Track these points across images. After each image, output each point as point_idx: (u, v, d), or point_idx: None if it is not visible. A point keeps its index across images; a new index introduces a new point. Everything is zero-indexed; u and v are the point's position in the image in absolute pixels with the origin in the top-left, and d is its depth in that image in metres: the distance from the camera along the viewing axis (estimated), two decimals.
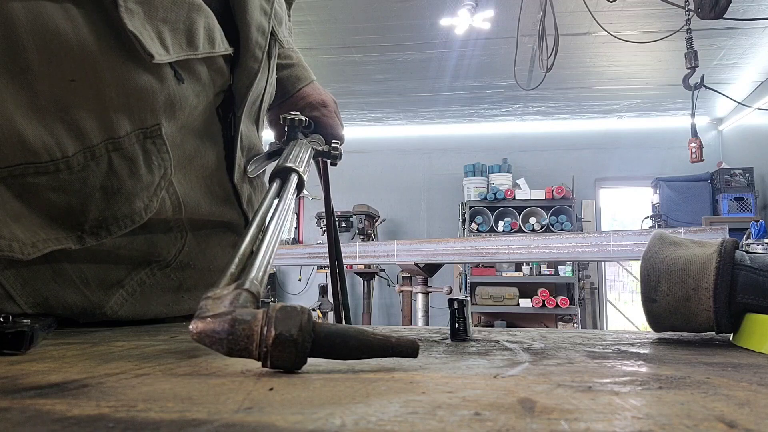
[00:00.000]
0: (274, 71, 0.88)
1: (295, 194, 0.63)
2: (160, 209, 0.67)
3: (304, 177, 0.65)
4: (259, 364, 0.36)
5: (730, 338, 0.54)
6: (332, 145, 0.91)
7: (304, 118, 0.82)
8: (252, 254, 0.45)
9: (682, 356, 0.45)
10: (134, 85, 0.60)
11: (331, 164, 0.97)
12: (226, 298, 0.38)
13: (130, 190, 0.63)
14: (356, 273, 6.08)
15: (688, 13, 2.69)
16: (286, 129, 0.81)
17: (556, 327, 6.08)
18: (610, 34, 3.37)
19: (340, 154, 0.91)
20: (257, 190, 0.87)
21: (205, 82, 0.70)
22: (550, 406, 0.28)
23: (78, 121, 0.58)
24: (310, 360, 0.37)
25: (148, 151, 0.64)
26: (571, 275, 6.00)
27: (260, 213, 0.51)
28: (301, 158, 0.69)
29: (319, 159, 1.00)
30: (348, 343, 0.38)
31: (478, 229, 6.25)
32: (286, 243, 5.54)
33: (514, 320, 6.25)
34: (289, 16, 0.99)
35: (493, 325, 6.04)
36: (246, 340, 0.35)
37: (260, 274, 0.42)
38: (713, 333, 0.54)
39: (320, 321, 0.39)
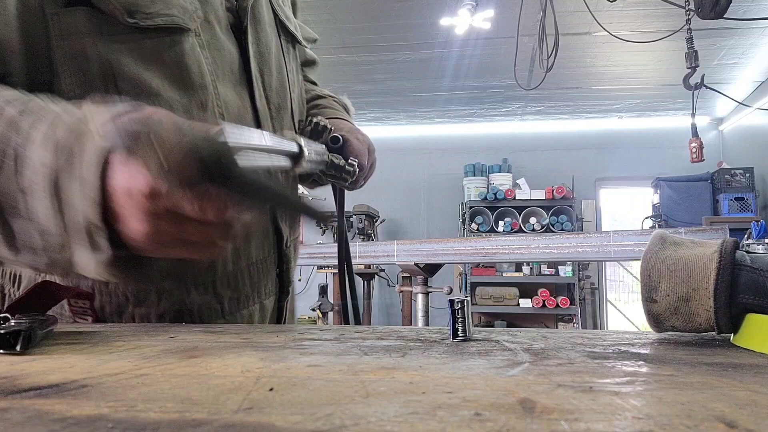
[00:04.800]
0: (294, 57, 0.85)
1: (292, 166, 0.59)
2: None
3: (304, 162, 0.61)
4: (259, 364, 0.36)
5: (731, 339, 0.54)
6: (349, 161, 0.80)
7: (329, 126, 0.75)
8: None
9: (682, 356, 0.45)
10: None
11: (346, 187, 0.86)
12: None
13: None
14: (356, 273, 6.08)
15: (688, 12, 2.68)
16: (308, 132, 0.76)
17: (557, 327, 6.08)
18: (611, 33, 3.36)
19: (354, 173, 0.79)
20: None
21: None
22: (550, 407, 0.28)
23: None
24: (310, 359, 0.37)
25: None
26: (571, 275, 6.00)
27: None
28: (315, 149, 0.65)
29: (335, 185, 0.90)
30: (259, 183, 0.37)
31: (478, 229, 6.25)
32: None
33: (514, 320, 6.25)
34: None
35: (493, 325, 6.04)
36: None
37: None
38: (714, 333, 0.54)
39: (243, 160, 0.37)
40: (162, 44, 0.63)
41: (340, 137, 0.80)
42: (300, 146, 0.58)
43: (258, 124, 0.73)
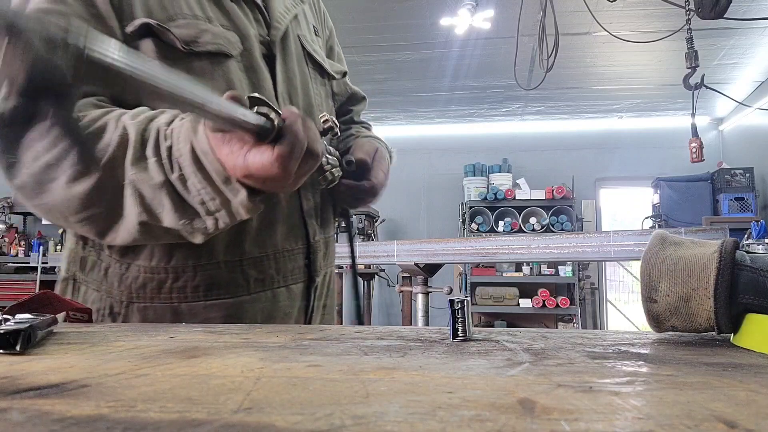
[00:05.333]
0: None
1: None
2: None
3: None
4: (259, 364, 0.36)
5: (731, 339, 0.54)
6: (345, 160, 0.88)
7: (336, 125, 0.80)
8: None
9: (682, 356, 0.45)
10: None
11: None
12: None
13: None
14: (356, 273, 6.06)
15: (688, 12, 2.68)
16: None
17: (557, 327, 6.08)
18: (611, 33, 3.36)
19: (328, 183, 0.84)
20: None
21: None
22: (550, 407, 0.28)
23: None
24: (310, 359, 0.37)
25: None
26: (571, 275, 5.99)
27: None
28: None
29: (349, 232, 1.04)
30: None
31: (478, 229, 6.25)
32: None
33: (514, 320, 6.25)
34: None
35: (493, 326, 6.04)
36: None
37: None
38: (714, 333, 0.54)
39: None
40: (212, 64, 0.79)
41: (352, 162, 0.91)
42: (272, 123, 0.58)
43: None
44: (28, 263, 6.87)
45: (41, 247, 6.69)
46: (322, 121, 0.80)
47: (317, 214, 0.93)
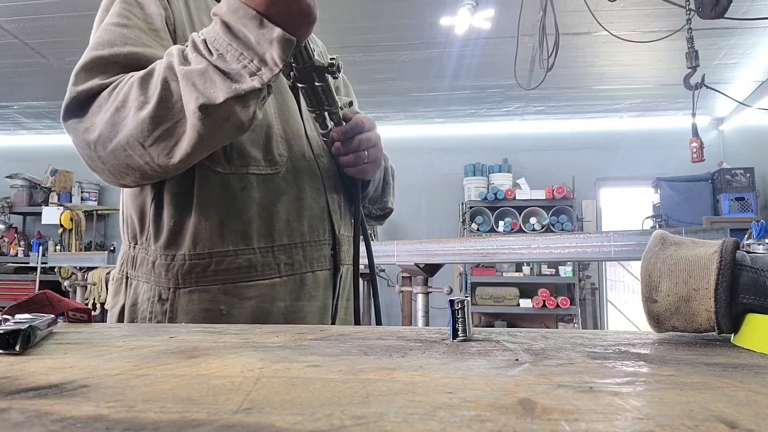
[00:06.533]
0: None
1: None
2: None
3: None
4: (259, 364, 0.35)
5: (731, 339, 0.54)
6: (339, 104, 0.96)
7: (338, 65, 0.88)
8: None
9: (683, 357, 0.45)
10: None
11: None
12: None
13: None
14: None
15: (688, 12, 2.68)
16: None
17: (557, 327, 6.08)
18: (611, 33, 3.36)
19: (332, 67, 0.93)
20: None
21: None
22: (550, 407, 0.28)
23: None
24: (310, 359, 0.37)
25: None
26: (571, 275, 5.99)
27: None
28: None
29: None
30: None
31: (478, 229, 6.25)
32: None
33: (514, 320, 6.25)
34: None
35: (493, 326, 6.03)
36: None
37: None
38: (714, 333, 0.54)
39: None
40: None
41: (346, 118, 0.99)
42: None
43: (308, 137, 1.00)
44: (28, 263, 6.88)
45: (41, 247, 6.70)
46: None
47: (341, 213, 1.05)
